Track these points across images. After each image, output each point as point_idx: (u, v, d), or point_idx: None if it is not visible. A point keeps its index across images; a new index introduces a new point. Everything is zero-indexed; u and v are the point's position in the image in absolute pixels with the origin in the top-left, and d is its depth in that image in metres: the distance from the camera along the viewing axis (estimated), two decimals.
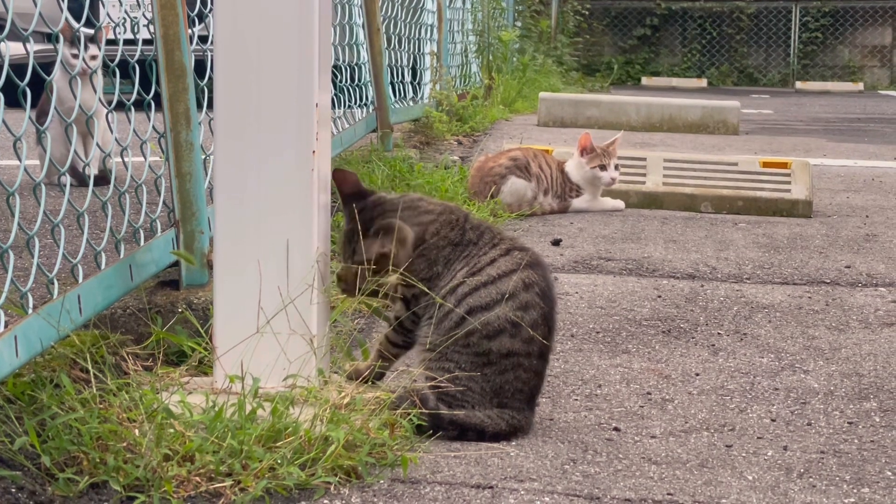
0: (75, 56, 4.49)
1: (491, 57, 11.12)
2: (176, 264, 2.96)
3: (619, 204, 5.41)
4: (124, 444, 2.12)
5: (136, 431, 2.16)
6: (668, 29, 20.89)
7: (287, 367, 2.44)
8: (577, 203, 5.31)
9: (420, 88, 8.31)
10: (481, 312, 2.39)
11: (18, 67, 2.35)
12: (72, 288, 2.47)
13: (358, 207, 2.57)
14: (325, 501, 2.09)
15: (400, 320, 2.53)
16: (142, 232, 3.01)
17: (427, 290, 2.46)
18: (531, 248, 2.53)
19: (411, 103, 7.74)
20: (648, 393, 2.79)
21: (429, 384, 2.39)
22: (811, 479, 2.26)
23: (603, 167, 5.18)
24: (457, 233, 2.53)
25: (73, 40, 4.55)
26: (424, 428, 2.34)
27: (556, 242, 4.53)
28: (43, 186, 2.47)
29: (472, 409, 2.39)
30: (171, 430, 2.16)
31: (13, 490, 2.03)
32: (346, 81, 6.06)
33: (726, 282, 3.98)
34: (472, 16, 10.96)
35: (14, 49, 2.32)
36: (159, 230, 3.10)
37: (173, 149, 2.91)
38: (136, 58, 3.06)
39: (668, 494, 2.17)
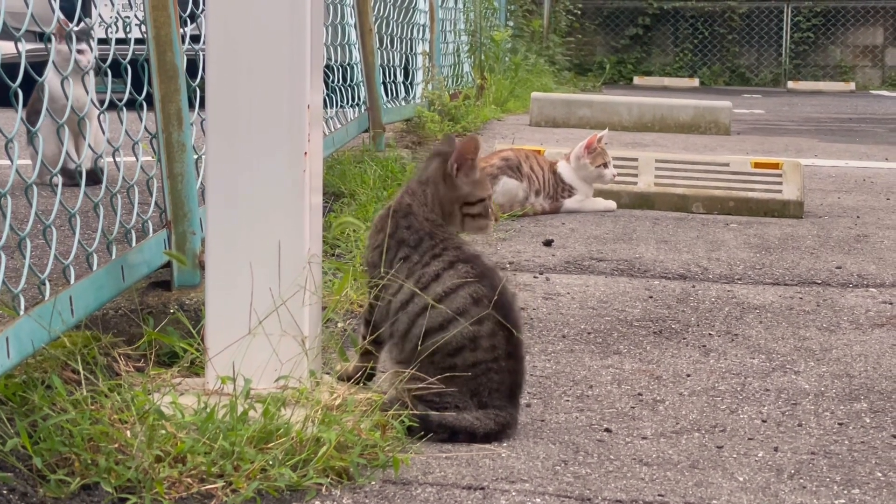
0: (67, 56, 4.48)
1: (483, 57, 11.13)
2: (168, 265, 2.96)
3: (611, 204, 5.42)
4: (116, 446, 2.12)
5: (128, 433, 2.16)
6: (660, 28, 20.90)
7: (279, 368, 2.44)
8: (568, 203, 5.31)
9: (412, 88, 8.31)
10: (436, 334, 2.39)
11: (8, 67, 2.34)
12: (63, 289, 2.47)
13: None
14: (317, 502, 2.09)
15: (364, 308, 2.59)
16: (133, 233, 3.01)
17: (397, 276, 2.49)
18: (477, 254, 2.50)
19: (403, 103, 7.74)
20: (640, 394, 2.79)
21: (408, 387, 2.39)
22: (802, 480, 2.27)
23: (605, 165, 5.24)
24: (391, 225, 2.53)
25: (66, 39, 4.55)
26: (416, 429, 2.35)
27: (548, 243, 4.54)
28: (35, 187, 2.47)
29: (460, 412, 2.39)
30: (163, 432, 2.16)
31: (4, 492, 2.03)
32: (339, 81, 6.05)
33: (717, 282, 3.99)
34: (465, 15, 10.96)
35: (5, 48, 2.32)
36: (151, 231, 3.10)
37: (165, 149, 2.91)
38: (129, 58, 3.05)
39: (659, 496, 2.17)
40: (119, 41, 3.08)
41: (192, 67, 3.18)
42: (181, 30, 2.96)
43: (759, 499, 2.17)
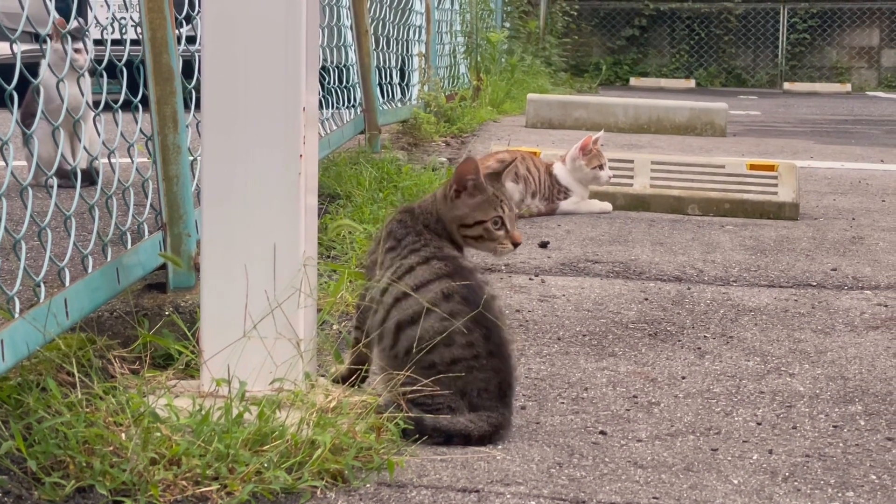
0: (63, 57, 4.47)
1: (479, 58, 11.13)
2: (163, 267, 2.96)
3: (607, 206, 5.42)
4: (111, 448, 2.12)
5: (123, 435, 2.16)
6: (656, 30, 20.93)
7: (274, 370, 2.44)
8: (564, 205, 5.32)
9: (408, 90, 8.32)
10: (408, 328, 2.41)
11: (2, 68, 2.34)
12: (58, 291, 2.47)
13: None
14: None
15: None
16: (129, 235, 3.01)
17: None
18: (455, 255, 2.51)
19: (399, 105, 7.75)
20: (635, 396, 2.80)
21: (400, 390, 2.39)
22: (796, 483, 2.27)
23: (601, 167, 5.25)
24: (390, 219, 2.60)
25: (62, 39, 4.54)
26: (411, 432, 2.35)
27: (544, 245, 4.54)
28: (30, 189, 2.47)
29: (454, 414, 2.39)
30: (158, 434, 2.16)
31: None
32: (335, 83, 6.06)
33: (713, 284, 3.99)
34: (461, 17, 10.97)
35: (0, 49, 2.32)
36: (146, 233, 3.10)
37: (160, 152, 2.91)
38: (124, 60, 3.05)
39: (654, 498, 2.17)
40: (115, 42, 3.08)
41: (188, 68, 3.18)
42: (177, 31, 2.96)
43: (754, 501, 2.18)
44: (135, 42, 3.01)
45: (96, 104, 3.17)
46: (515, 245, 2.57)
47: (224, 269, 2.49)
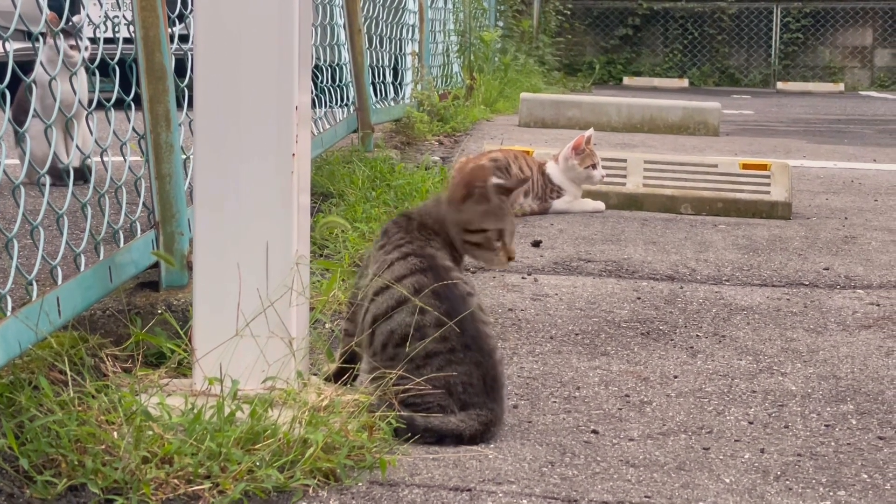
0: (56, 55, 4.47)
1: (472, 57, 11.14)
2: (156, 266, 2.95)
3: (600, 205, 5.43)
4: (103, 447, 2.12)
5: (115, 434, 2.16)
6: (649, 29, 20.93)
7: (266, 369, 2.44)
8: (557, 204, 5.32)
9: (401, 89, 8.31)
10: (381, 322, 2.44)
11: None
12: (51, 289, 2.47)
13: None
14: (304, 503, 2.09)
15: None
16: (121, 233, 3.00)
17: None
18: (433, 255, 2.52)
19: (392, 104, 7.75)
20: (627, 395, 2.80)
21: (394, 389, 2.39)
22: (788, 482, 2.28)
23: (594, 166, 5.25)
24: (388, 222, 2.65)
25: (55, 37, 4.53)
26: (403, 431, 2.35)
27: (537, 244, 4.54)
28: (22, 188, 2.47)
29: (445, 412, 2.39)
30: (150, 433, 2.16)
31: None
32: (328, 82, 6.05)
33: (705, 283, 4.00)
34: (454, 16, 10.97)
35: None
36: (139, 231, 3.10)
37: (153, 150, 2.91)
38: (117, 58, 3.05)
39: (646, 497, 2.18)
40: (107, 41, 3.07)
41: (181, 67, 3.18)
42: (169, 30, 2.95)
43: (746, 500, 2.18)
44: (127, 41, 3.01)
45: (89, 102, 3.16)
46: (510, 260, 2.62)
47: (217, 268, 2.49)
